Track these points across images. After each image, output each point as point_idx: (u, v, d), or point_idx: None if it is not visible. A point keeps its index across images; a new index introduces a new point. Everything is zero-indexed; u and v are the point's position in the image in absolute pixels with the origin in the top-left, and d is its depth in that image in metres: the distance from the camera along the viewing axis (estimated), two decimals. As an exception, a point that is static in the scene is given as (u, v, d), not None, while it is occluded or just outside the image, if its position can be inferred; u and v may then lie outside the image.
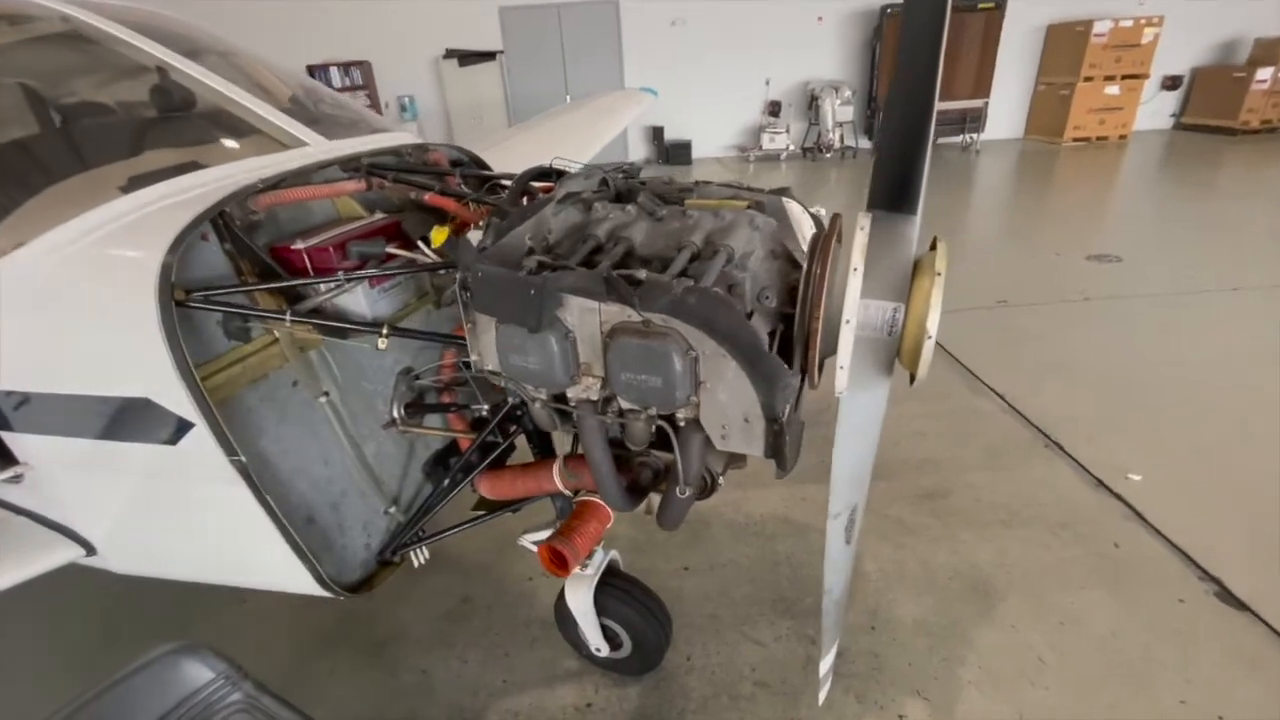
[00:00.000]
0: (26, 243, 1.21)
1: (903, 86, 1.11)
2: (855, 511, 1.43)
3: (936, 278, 1.11)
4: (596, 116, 6.20)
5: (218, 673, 1.58)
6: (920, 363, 1.16)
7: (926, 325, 1.11)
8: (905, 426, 3.28)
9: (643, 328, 1.02)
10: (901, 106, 1.11)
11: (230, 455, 1.21)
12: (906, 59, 1.09)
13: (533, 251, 1.25)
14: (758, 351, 1.00)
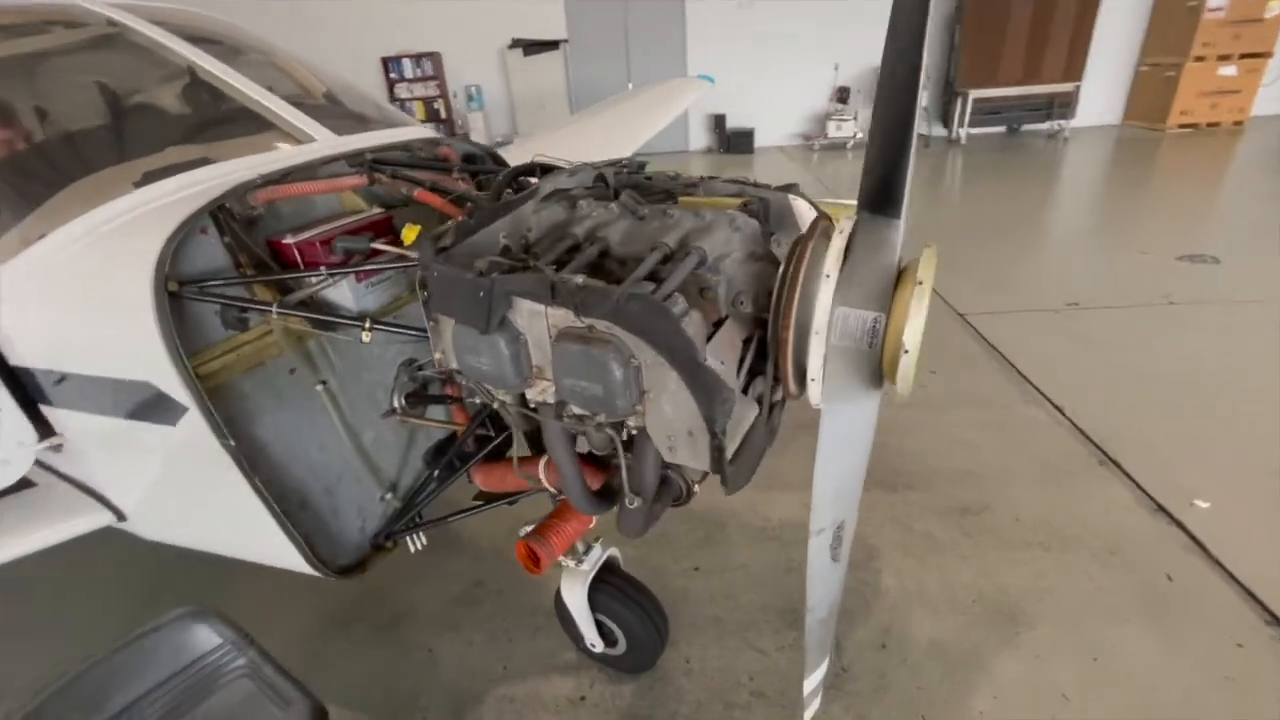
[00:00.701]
0: (48, 234, 1.32)
1: (888, 80, 1.03)
2: (843, 528, 1.35)
3: (917, 287, 1.03)
4: (651, 104, 6.14)
5: (225, 638, 1.67)
6: (900, 378, 1.07)
7: (903, 338, 1.03)
8: (948, 435, 3.11)
9: (587, 333, 0.99)
10: (886, 102, 1.03)
11: (220, 438, 1.28)
12: (891, 51, 1.02)
13: (508, 250, 1.24)
14: (693, 363, 0.96)
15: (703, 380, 0.96)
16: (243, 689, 1.64)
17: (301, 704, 1.58)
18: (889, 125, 1.03)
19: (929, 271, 1.05)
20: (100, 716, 1.50)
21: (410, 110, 10.47)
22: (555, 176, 1.40)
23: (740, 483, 1.16)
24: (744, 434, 1.17)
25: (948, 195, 8.06)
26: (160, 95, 1.75)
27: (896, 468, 2.90)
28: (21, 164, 1.50)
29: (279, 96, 1.76)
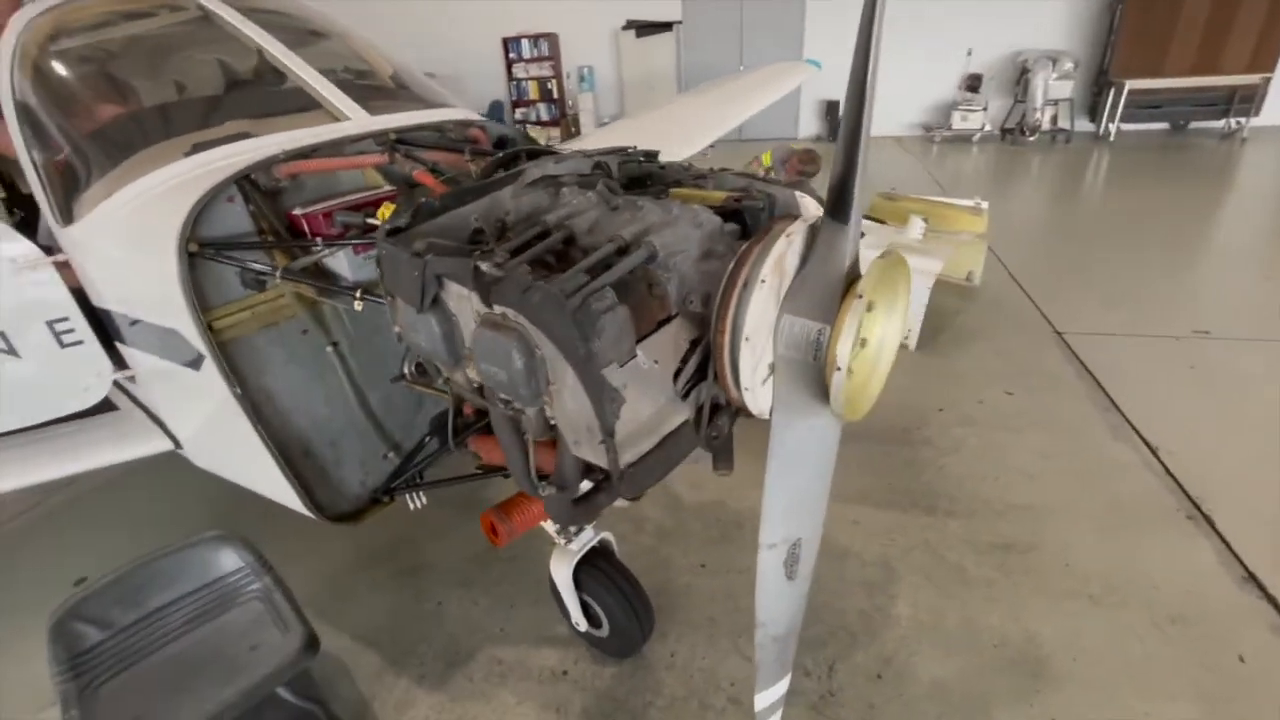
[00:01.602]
0: (115, 193, 1.52)
1: (850, 82, 0.96)
2: (799, 546, 1.29)
3: (856, 300, 0.95)
4: (752, 88, 5.97)
5: (246, 563, 1.88)
6: (831, 399, 1.00)
7: (834, 354, 0.96)
8: (1007, 460, 2.84)
9: (499, 320, 1.01)
10: (846, 102, 0.96)
11: (229, 385, 1.43)
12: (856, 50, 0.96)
13: (479, 232, 1.28)
14: (579, 359, 0.94)
15: (589, 377, 0.95)
16: (254, 610, 1.84)
17: (298, 631, 1.75)
18: (847, 126, 0.96)
19: (873, 285, 0.97)
20: (137, 613, 1.73)
21: (524, 90, 10.85)
22: (543, 162, 1.42)
23: (641, 487, 1.14)
24: (663, 437, 1.14)
25: (1083, 197, 7.23)
26: (228, 74, 1.96)
27: (938, 489, 2.70)
28: (108, 130, 1.76)
29: (338, 76, 1.91)
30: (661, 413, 1.10)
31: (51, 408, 1.79)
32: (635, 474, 1.06)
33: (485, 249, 1.17)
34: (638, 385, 1.05)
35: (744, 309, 1.02)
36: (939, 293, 4.16)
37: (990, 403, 3.28)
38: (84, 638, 1.65)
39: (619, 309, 1.03)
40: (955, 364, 3.66)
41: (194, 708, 1.56)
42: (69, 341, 1.73)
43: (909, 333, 3.78)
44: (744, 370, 1.05)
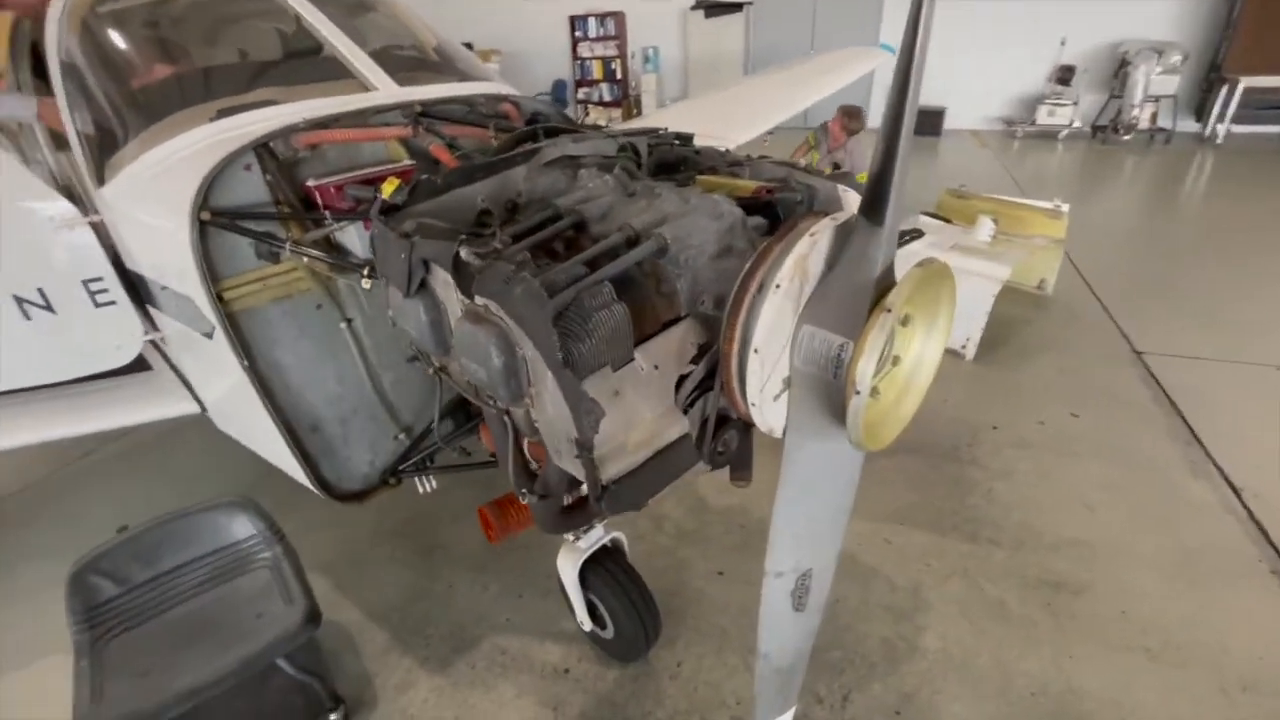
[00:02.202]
0: (140, 157, 1.52)
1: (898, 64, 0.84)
2: (809, 578, 1.18)
3: (884, 315, 0.82)
4: (820, 73, 5.70)
5: (259, 531, 1.89)
6: (848, 424, 0.88)
7: (854, 376, 0.83)
8: (1066, 490, 2.61)
9: (481, 313, 0.92)
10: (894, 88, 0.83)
11: (236, 355, 1.41)
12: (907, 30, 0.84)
13: (485, 213, 1.20)
14: (555, 364, 0.85)
15: (567, 385, 0.86)
16: (262, 579, 1.85)
17: (301, 605, 1.74)
18: (889, 117, 0.83)
19: (904, 298, 0.84)
20: (152, 571, 1.77)
21: (588, 70, 10.75)
22: (561, 141, 1.32)
23: (624, 505, 1.04)
24: (656, 451, 1.03)
25: (1179, 205, 6.62)
26: (263, 40, 1.95)
27: (984, 514, 2.50)
28: (142, 93, 1.77)
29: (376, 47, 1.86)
30: (657, 424, 1.00)
31: (86, 364, 1.83)
32: (619, 491, 0.96)
33: (486, 232, 1.09)
34: (633, 392, 0.95)
35: (755, 316, 0.90)
36: (1006, 300, 3.87)
37: (1052, 424, 3.02)
38: (100, 591, 1.69)
39: (616, 307, 0.93)
40: (1016, 378, 3.40)
41: (197, 669, 1.58)
42: (103, 301, 1.76)
43: (966, 341, 3.53)
44: (751, 383, 0.93)
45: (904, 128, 0.80)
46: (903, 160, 0.81)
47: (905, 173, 0.84)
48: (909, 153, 0.83)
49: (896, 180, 0.82)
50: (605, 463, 0.94)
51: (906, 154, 0.82)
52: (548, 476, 1.12)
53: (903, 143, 0.80)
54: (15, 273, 1.67)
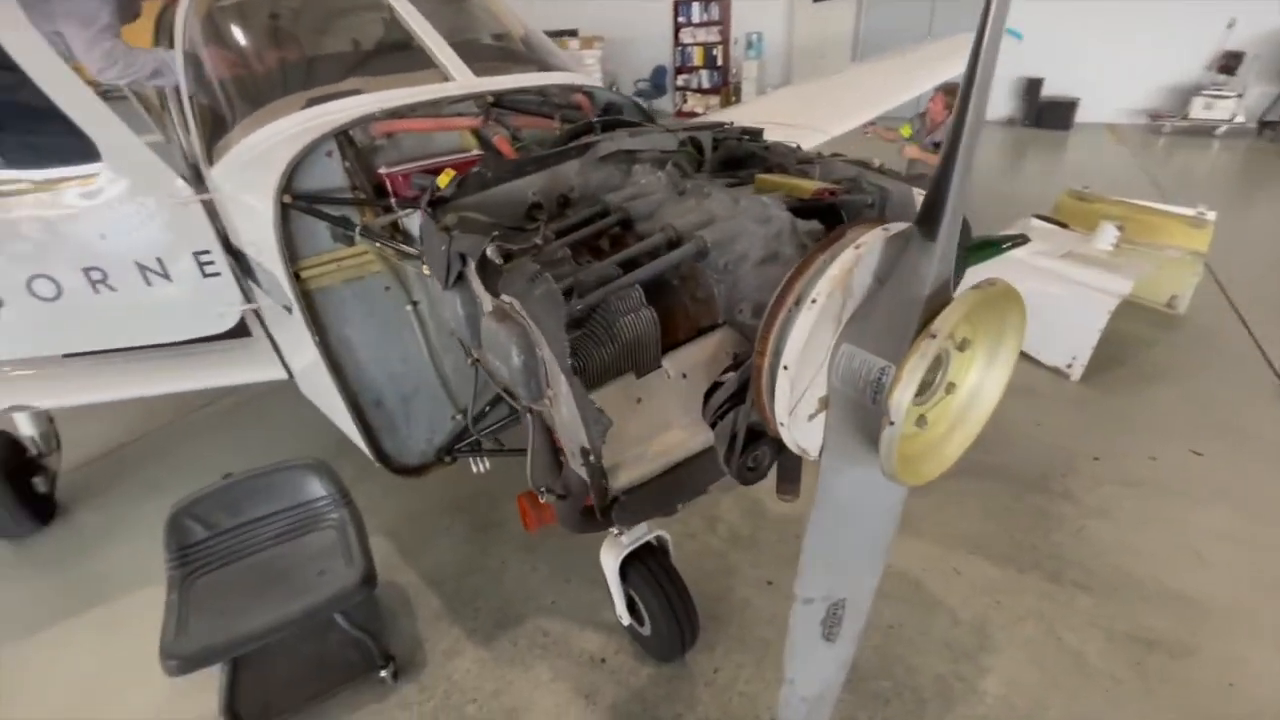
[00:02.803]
0: (241, 141, 1.65)
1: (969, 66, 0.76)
2: (842, 607, 1.11)
3: (928, 341, 0.74)
4: (932, 59, 5.33)
5: (330, 493, 2.02)
6: (882, 455, 0.81)
7: (889, 405, 0.76)
8: (1175, 537, 2.32)
9: (507, 310, 0.92)
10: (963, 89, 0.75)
11: (309, 330, 1.51)
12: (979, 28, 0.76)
13: (535, 206, 1.21)
14: (565, 369, 0.82)
15: (576, 391, 0.84)
16: (329, 538, 1.98)
17: (360, 566, 1.86)
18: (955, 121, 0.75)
19: (959, 319, 0.75)
20: (236, 520, 1.94)
21: (689, 56, 10.62)
22: (617, 136, 1.30)
23: (632, 517, 1.00)
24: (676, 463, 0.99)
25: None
26: (360, 32, 2.05)
27: (1071, 554, 2.27)
28: (248, 81, 1.91)
29: (461, 37, 1.91)
30: (679, 434, 0.96)
31: (193, 328, 2.03)
32: (629, 502, 0.94)
33: (530, 227, 1.10)
34: (657, 400, 0.92)
35: (788, 330, 0.84)
36: (1128, 318, 3.49)
37: (1167, 460, 2.69)
38: (192, 533, 1.88)
39: (644, 312, 0.91)
40: (1129, 406, 3.05)
41: (265, 615, 1.73)
42: (210, 272, 1.94)
43: (1073, 360, 3.21)
44: (779, 402, 0.88)
45: (966, 132, 0.71)
46: (963, 168, 0.73)
47: (966, 182, 0.75)
48: (970, 161, 0.74)
49: (954, 190, 0.73)
50: (618, 471, 0.92)
51: (967, 162, 0.73)
52: (567, 477, 1.12)
53: (962, 149, 0.71)
54: (138, 243, 1.87)
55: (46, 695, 2.02)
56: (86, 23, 2.09)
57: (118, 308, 1.94)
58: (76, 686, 2.04)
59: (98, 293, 1.89)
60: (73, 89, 1.68)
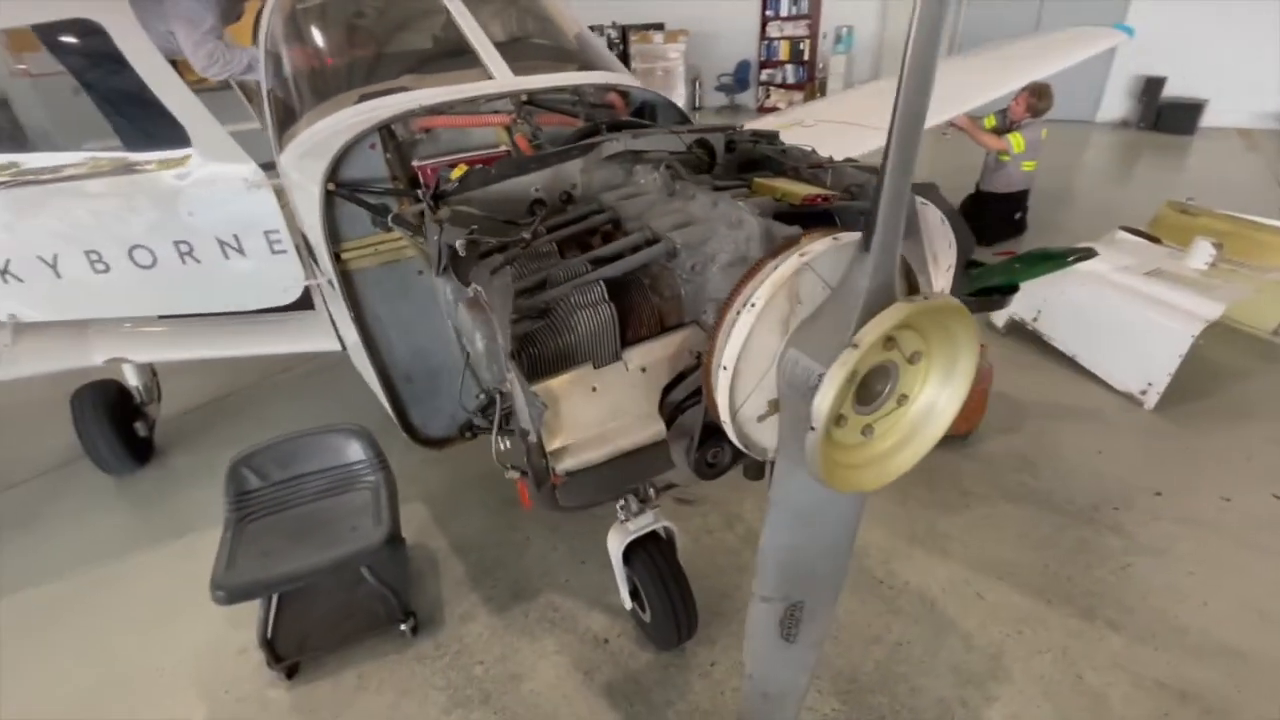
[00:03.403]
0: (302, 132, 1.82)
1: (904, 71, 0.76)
2: (800, 610, 1.13)
3: (849, 351, 0.76)
4: (1033, 55, 5.01)
5: (368, 457, 2.20)
6: (807, 460, 0.83)
7: (810, 410, 0.78)
8: (1243, 590, 2.14)
9: (475, 299, 0.99)
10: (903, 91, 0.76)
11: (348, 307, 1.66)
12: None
13: (538, 202, 1.28)
14: (506, 353, 0.88)
15: (512, 374, 0.90)
16: (364, 498, 2.16)
17: (386, 527, 2.02)
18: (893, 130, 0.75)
19: (878, 334, 0.76)
20: (285, 474, 2.14)
21: (775, 51, 10.43)
22: (622, 136, 1.35)
23: (577, 499, 1.05)
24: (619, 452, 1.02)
25: None
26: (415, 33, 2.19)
27: (1109, 591, 2.13)
28: (314, 77, 2.10)
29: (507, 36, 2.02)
30: (631, 425, 1.01)
31: (261, 299, 2.26)
32: (574, 484, 1.00)
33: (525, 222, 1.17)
34: (612, 390, 0.97)
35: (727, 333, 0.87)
36: (1224, 345, 3.21)
37: (1242, 503, 2.46)
38: (248, 482, 2.10)
39: (602, 307, 0.96)
40: (1206, 441, 2.79)
41: (300, 560, 1.92)
42: (277, 250, 2.15)
43: (1147, 387, 2.97)
44: (720, 401, 0.91)
45: (900, 142, 0.71)
46: (896, 180, 0.73)
47: (902, 194, 0.75)
48: (907, 171, 0.74)
49: (888, 202, 0.74)
50: (565, 453, 0.98)
51: (904, 172, 0.73)
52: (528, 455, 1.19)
53: (893, 160, 0.71)
54: (219, 220, 2.10)
55: (128, 609, 2.32)
56: (194, 26, 2.36)
57: (201, 277, 2.19)
58: (152, 605, 2.33)
59: (185, 263, 2.14)
60: (170, 83, 1.92)
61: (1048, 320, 3.44)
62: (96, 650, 2.18)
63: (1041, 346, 3.48)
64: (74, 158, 2.03)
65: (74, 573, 2.49)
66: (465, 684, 1.99)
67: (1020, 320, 3.59)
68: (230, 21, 2.65)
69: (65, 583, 2.46)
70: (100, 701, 2.01)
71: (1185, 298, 2.90)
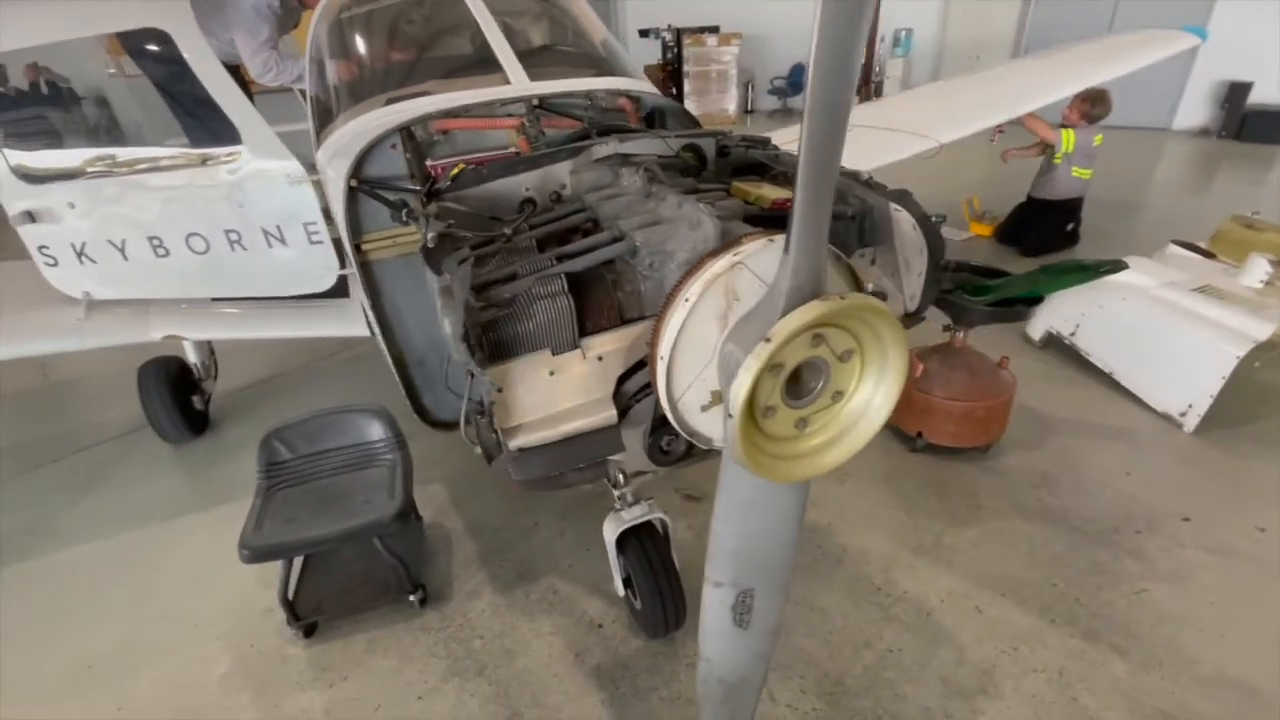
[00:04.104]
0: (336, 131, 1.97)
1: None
2: (750, 596, 1.18)
3: (762, 344, 0.80)
4: (1098, 58, 4.83)
5: (387, 437, 2.35)
6: (727, 445, 0.88)
7: (729, 398, 0.83)
8: (1260, 621, 2.04)
9: (446, 288, 1.07)
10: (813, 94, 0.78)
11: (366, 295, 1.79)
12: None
13: (528, 201, 1.37)
14: (458, 338, 0.96)
15: (460, 356, 0.98)
16: (380, 475, 2.30)
17: (399, 503, 2.15)
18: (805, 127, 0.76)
19: (789, 330, 0.80)
20: (311, 448, 2.31)
21: (830, 52, 10.30)
22: (609, 140, 1.42)
23: (524, 475, 1.12)
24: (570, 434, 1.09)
25: None
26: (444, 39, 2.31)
27: (1119, 616, 2.06)
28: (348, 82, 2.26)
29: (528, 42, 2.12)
30: (585, 409, 1.08)
31: (300, 286, 2.44)
32: (525, 459, 1.07)
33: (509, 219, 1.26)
34: (568, 376, 1.04)
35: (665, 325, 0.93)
36: (1275, 369, 3.02)
37: (1279, 536, 2.32)
38: (278, 453, 2.27)
39: (560, 299, 1.04)
40: (1246, 468, 2.65)
41: (318, 528, 2.07)
42: (315, 240, 2.33)
43: (1188, 409, 2.83)
44: (659, 388, 0.97)
45: (814, 140, 0.73)
46: (811, 180, 0.75)
47: (821, 195, 0.77)
48: (828, 173, 0.76)
49: (804, 203, 0.77)
50: (519, 432, 1.05)
51: (820, 171, 0.75)
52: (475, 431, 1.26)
53: (805, 160, 0.74)
54: (265, 212, 2.29)
55: (174, 565, 2.55)
56: (251, 36, 2.58)
57: (248, 264, 2.39)
58: (195, 563, 2.54)
59: (234, 251, 2.34)
60: (225, 85, 2.11)
61: (1086, 335, 3.32)
62: (143, 599, 2.40)
63: (1079, 362, 3.36)
64: (148, 152, 2.26)
65: (129, 529, 2.75)
66: (464, 655, 2.10)
67: (1057, 334, 3.47)
68: (287, 30, 2.87)
69: (121, 537, 2.71)
70: (142, 643, 2.22)
71: (1233, 316, 2.76)
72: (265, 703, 2.01)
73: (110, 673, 2.13)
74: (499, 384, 1.04)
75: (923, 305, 1.25)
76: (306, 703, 2.00)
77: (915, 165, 4.35)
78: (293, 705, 1.99)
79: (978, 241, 5.48)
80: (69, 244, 2.32)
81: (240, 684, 2.07)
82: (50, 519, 2.88)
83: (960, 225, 5.64)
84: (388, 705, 1.97)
